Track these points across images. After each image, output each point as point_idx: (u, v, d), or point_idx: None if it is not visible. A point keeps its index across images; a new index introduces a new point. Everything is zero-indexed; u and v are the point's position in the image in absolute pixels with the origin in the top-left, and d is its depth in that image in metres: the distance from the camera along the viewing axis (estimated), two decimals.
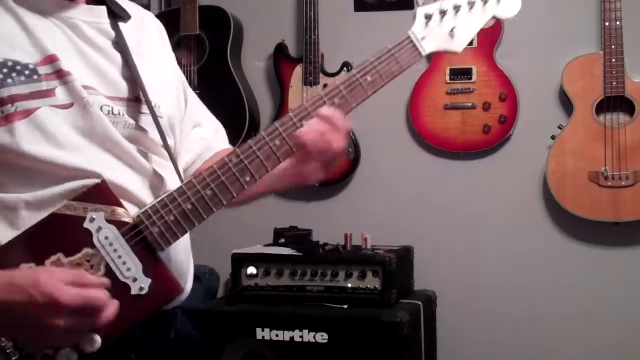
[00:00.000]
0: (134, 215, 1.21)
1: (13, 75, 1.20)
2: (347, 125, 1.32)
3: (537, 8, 3.14)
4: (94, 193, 1.19)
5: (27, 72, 1.21)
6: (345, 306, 2.83)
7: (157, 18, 1.52)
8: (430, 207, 3.26)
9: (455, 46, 1.41)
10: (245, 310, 2.85)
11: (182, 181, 1.31)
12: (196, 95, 1.58)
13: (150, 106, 1.32)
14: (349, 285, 2.85)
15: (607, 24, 2.93)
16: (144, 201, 1.25)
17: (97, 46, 1.30)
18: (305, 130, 1.29)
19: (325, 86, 3.23)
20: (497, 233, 3.20)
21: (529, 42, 3.15)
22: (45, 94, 1.22)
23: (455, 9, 1.39)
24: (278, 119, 1.28)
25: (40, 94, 1.21)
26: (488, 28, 3.36)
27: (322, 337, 2.76)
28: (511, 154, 3.18)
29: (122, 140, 1.27)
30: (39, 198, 1.19)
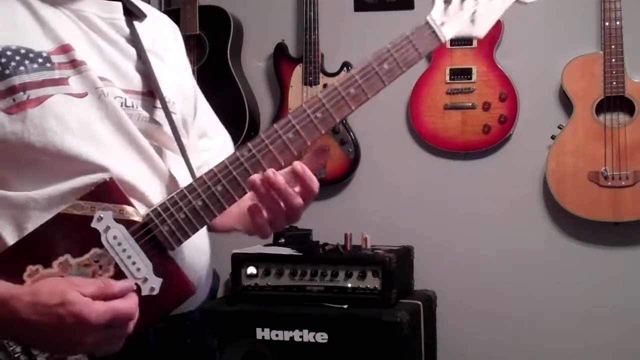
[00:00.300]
0: (144, 213, 1.17)
1: (26, 62, 1.17)
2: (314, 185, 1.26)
3: (537, 8, 3.12)
4: (102, 191, 1.15)
5: (41, 60, 1.18)
6: (345, 306, 2.83)
7: None
8: (430, 207, 3.26)
9: (477, 31, 1.35)
10: (245, 310, 2.85)
11: (194, 178, 1.25)
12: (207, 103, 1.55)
13: (163, 101, 1.29)
14: (349, 285, 2.85)
15: (607, 24, 2.93)
16: (155, 198, 1.21)
17: (111, 40, 1.28)
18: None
19: (325, 86, 3.23)
20: (497, 233, 3.20)
21: (529, 42, 3.15)
22: (58, 82, 1.19)
23: None
24: (292, 112, 1.21)
25: (53, 82, 1.18)
26: None
27: (322, 337, 2.76)
28: (511, 154, 3.18)
29: (137, 132, 1.24)
30: (47, 196, 1.16)
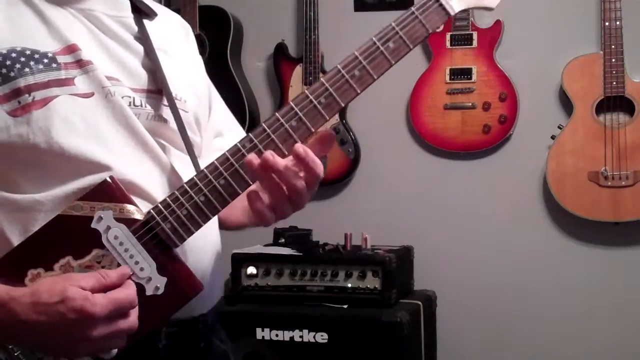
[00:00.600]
0: (146, 212, 1.15)
1: (31, 63, 1.16)
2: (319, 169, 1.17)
3: (537, 8, 3.14)
4: (102, 191, 1.13)
5: (46, 61, 1.17)
6: (345, 306, 2.83)
7: None
8: (430, 207, 3.26)
9: (487, 1, 1.25)
10: (245, 310, 2.85)
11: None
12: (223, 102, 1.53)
13: (171, 98, 1.27)
14: (349, 285, 2.85)
15: (607, 24, 2.93)
16: (161, 197, 1.18)
17: (119, 38, 1.27)
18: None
19: None
20: (497, 233, 3.20)
21: (529, 42, 3.15)
22: (64, 83, 1.17)
23: None
24: (294, 98, 1.17)
25: (59, 83, 1.17)
26: (488, 28, 3.38)
27: (322, 337, 2.76)
28: (511, 154, 3.18)
29: (144, 131, 1.22)
30: (53, 197, 1.15)
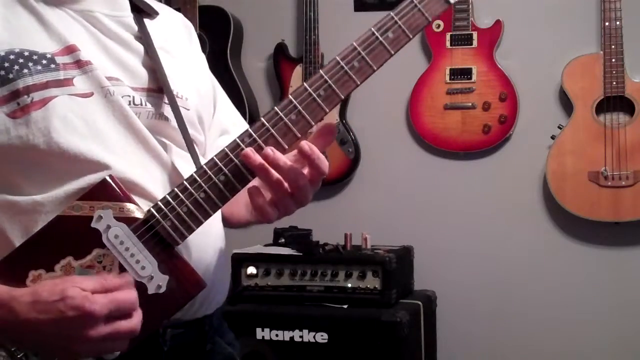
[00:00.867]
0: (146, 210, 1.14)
1: (30, 64, 1.15)
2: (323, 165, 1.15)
3: (537, 8, 3.14)
4: (101, 190, 1.13)
5: (45, 62, 1.17)
6: (345, 306, 2.82)
7: None
8: (430, 207, 3.26)
9: None
10: (245, 310, 2.85)
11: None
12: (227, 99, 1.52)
13: (172, 96, 1.27)
14: (349, 285, 2.85)
15: (607, 24, 2.93)
16: (160, 195, 1.17)
17: (118, 38, 1.26)
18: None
19: None
20: (497, 233, 3.20)
21: (529, 42, 3.15)
22: (63, 83, 1.17)
23: None
24: (293, 92, 1.16)
25: (57, 83, 1.16)
26: (488, 28, 3.38)
27: (322, 337, 2.76)
28: (511, 154, 3.18)
29: (144, 129, 1.21)
30: (53, 198, 1.14)
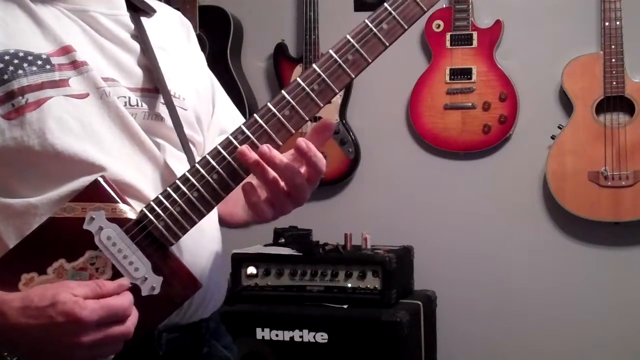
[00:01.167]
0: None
1: (25, 65, 1.14)
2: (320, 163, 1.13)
3: (537, 8, 3.14)
4: (93, 191, 1.11)
5: (40, 62, 1.15)
6: (345, 306, 2.82)
7: None
8: (430, 207, 3.26)
9: None
10: (245, 310, 2.85)
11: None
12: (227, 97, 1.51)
13: (168, 96, 1.25)
14: (349, 285, 2.85)
15: (607, 24, 2.93)
16: (153, 196, 1.15)
17: (115, 37, 1.25)
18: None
19: None
20: (497, 233, 3.20)
21: (529, 42, 3.15)
22: (58, 84, 1.16)
23: None
24: (286, 87, 1.13)
25: (53, 84, 1.15)
26: (488, 28, 3.38)
27: (322, 337, 2.75)
28: (511, 154, 3.18)
29: (140, 131, 1.20)
30: (47, 200, 1.13)
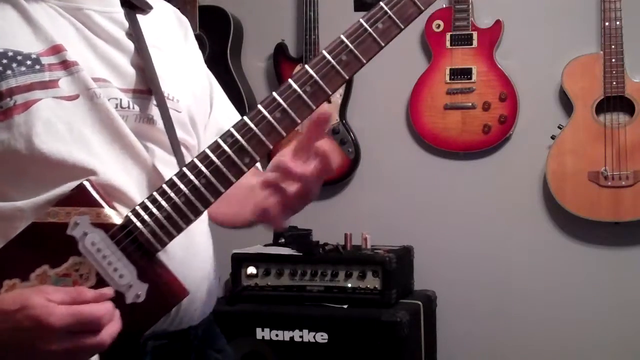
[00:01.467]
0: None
1: (13, 65, 1.12)
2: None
3: (537, 8, 3.14)
4: (78, 196, 1.08)
5: (29, 62, 1.13)
6: (345, 306, 2.82)
7: None
8: (430, 207, 3.26)
9: None
10: (245, 310, 2.85)
11: None
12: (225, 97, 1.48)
13: (161, 98, 1.22)
14: (349, 285, 2.85)
15: (607, 24, 2.93)
16: (138, 201, 1.12)
17: (109, 36, 1.22)
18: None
19: None
20: (497, 233, 3.20)
21: (529, 42, 3.15)
22: (47, 85, 1.13)
23: None
24: (278, 89, 1.10)
25: (42, 85, 1.13)
26: (488, 28, 3.38)
27: (322, 337, 2.75)
28: (511, 154, 3.17)
29: (129, 134, 1.17)
30: (33, 204, 1.11)
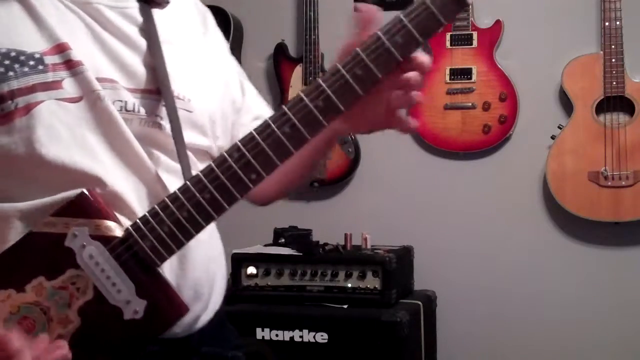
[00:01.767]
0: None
1: (16, 66, 1.08)
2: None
3: (537, 8, 3.14)
4: (77, 205, 1.05)
5: (32, 63, 1.09)
6: (345, 306, 2.82)
7: None
8: (430, 207, 3.26)
9: None
10: (245, 310, 2.85)
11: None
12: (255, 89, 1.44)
13: (171, 100, 1.17)
14: (349, 285, 2.85)
15: (607, 24, 2.93)
16: (143, 212, 1.08)
17: (119, 32, 1.18)
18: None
19: None
20: (497, 233, 3.20)
21: (529, 42, 3.15)
22: (50, 86, 1.09)
23: None
24: (288, 102, 1.05)
25: (44, 86, 1.09)
26: (488, 28, 3.38)
27: (322, 337, 2.75)
28: (511, 154, 3.18)
29: (132, 140, 1.13)
30: (33, 208, 1.08)
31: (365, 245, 3.05)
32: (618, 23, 2.91)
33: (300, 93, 1.04)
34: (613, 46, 2.92)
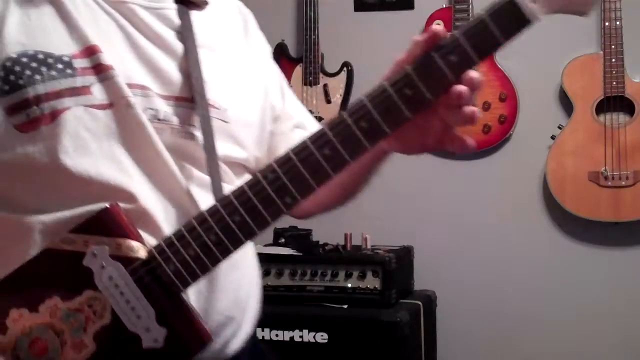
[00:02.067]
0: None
1: (43, 69, 1.02)
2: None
3: None
4: (98, 222, 0.99)
5: (60, 66, 1.03)
6: (345, 306, 2.82)
7: None
8: (430, 207, 3.26)
9: (581, 5, 1.04)
10: None
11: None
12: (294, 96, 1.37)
13: (204, 108, 1.10)
14: (349, 285, 2.85)
15: (607, 24, 2.93)
16: (169, 231, 1.02)
17: (154, 35, 1.11)
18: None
19: (325, 86, 3.23)
20: (497, 233, 3.20)
21: (529, 42, 3.13)
22: (79, 92, 1.03)
23: None
24: (329, 121, 0.97)
25: (72, 92, 1.03)
26: None
27: (322, 337, 2.75)
28: (511, 154, 3.17)
29: (163, 152, 1.06)
30: (57, 220, 1.02)
31: (365, 245, 3.05)
32: (618, 23, 2.91)
33: (342, 113, 0.96)
34: (613, 46, 2.92)
